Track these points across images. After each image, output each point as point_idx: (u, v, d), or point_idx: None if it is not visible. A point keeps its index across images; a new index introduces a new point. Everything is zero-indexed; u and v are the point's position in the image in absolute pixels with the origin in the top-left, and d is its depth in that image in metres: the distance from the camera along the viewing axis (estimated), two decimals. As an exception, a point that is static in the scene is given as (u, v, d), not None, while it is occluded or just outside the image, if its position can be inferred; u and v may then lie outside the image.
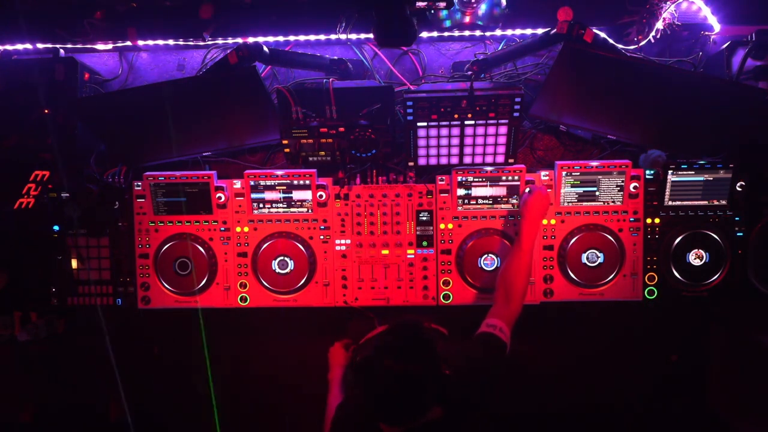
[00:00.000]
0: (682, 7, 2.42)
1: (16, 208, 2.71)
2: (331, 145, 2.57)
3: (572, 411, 3.06)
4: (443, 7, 2.17)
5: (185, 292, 2.74)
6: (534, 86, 2.78)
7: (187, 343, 3.11)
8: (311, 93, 2.50)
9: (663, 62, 2.68)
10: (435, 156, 2.62)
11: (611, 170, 2.61)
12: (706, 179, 2.59)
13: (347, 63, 2.67)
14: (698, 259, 2.61)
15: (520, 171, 2.63)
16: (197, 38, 2.64)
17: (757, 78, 2.48)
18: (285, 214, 2.72)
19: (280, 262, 2.69)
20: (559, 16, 2.33)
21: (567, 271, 2.64)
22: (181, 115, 2.58)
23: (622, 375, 3.04)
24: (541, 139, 2.89)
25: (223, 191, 2.69)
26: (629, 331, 2.99)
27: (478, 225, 2.69)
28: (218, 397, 3.19)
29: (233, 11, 2.56)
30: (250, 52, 2.45)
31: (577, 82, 2.44)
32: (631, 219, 2.64)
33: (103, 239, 2.75)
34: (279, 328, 2.99)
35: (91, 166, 2.80)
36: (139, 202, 2.73)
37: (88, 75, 2.82)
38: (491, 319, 2.16)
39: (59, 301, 2.78)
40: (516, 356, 2.87)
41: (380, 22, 2.14)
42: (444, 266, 2.70)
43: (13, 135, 2.70)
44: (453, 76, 2.82)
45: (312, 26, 2.61)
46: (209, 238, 2.74)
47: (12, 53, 2.75)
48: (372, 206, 2.71)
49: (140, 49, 2.88)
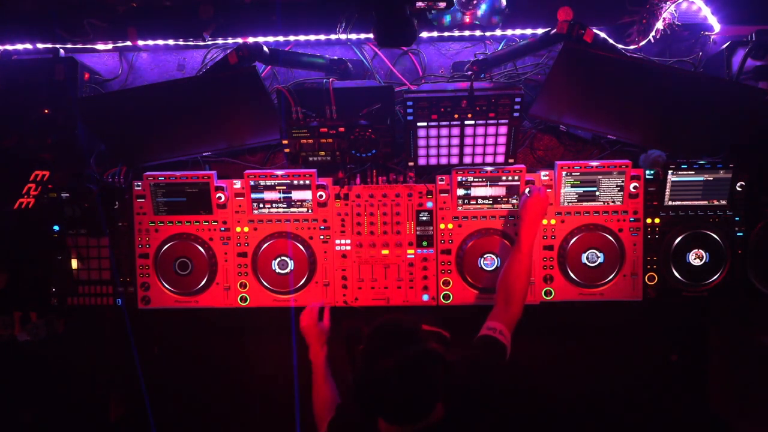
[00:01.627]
0: (682, 7, 2.42)
1: (16, 208, 2.71)
2: (331, 145, 2.57)
3: (572, 411, 3.06)
4: (443, 8, 2.17)
5: (185, 292, 2.73)
6: (534, 86, 2.78)
7: (187, 343, 3.11)
8: (311, 93, 2.51)
9: (663, 62, 2.68)
10: (435, 156, 2.62)
11: (611, 170, 2.61)
12: (706, 179, 2.59)
13: (347, 63, 2.67)
14: (698, 259, 2.61)
15: (520, 171, 2.63)
16: (197, 38, 2.63)
17: (757, 78, 2.48)
18: (285, 214, 2.72)
19: (280, 262, 2.69)
20: (559, 16, 2.33)
21: (567, 271, 2.64)
22: (181, 115, 2.58)
23: (622, 375, 3.04)
24: (541, 139, 2.89)
25: (223, 191, 2.69)
26: (629, 331, 2.99)
27: (478, 225, 2.69)
28: (218, 397, 3.19)
29: (233, 11, 2.56)
30: (250, 52, 2.45)
31: (577, 82, 2.44)
32: (631, 219, 2.64)
33: (103, 239, 2.75)
34: (279, 328, 2.99)
35: (91, 166, 2.80)
36: (139, 202, 2.73)
37: (88, 75, 2.82)
38: (491, 322, 2.16)
39: (59, 301, 2.78)
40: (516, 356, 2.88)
41: (380, 22, 2.14)
42: (444, 266, 2.70)
43: (13, 135, 2.70)
44: (453, 76, 2.82)
45: (312, 26, 2.61)
46: (209, 238, 2.74)
47: (12, 53, 2.74)
48: (372, 206, 2.71)
49: (140, 49, 2.88)
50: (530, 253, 2.37)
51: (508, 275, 2.31)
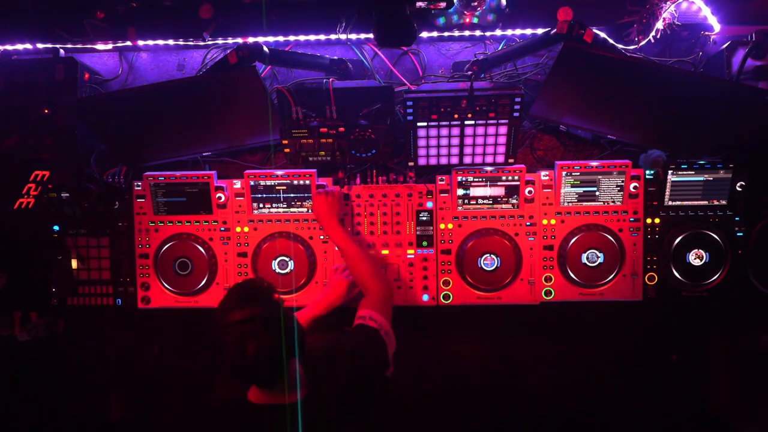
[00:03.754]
0: (682, 7, 2.42)
1: (16, 208, 2.71)
2: (331, 145, 2.57)
3: (572, 411, 3.06)
4: (443, 7, 2.18)
5: (185, 292, 2.73)
6: (534, 86, 2.78)
7: (187, 343, 3.11)
8: (311, 93, 2.51)
9: (663, 62, 2.68)
10: (435, 156, 2.62)
11: (611, 170, 2.61)
12: (706, 179, 2.59)
13: (347, 63, 2.67)
14: (698, 259, 2.61)
15: (520, 171, 2.64)
16: (197, 38, 2.63)
17: (757, 78, 2.48)
18: (285, 214, 2.72)
19: (280, 262, 2.69)
20: (559, 16, 2.33)
21: (567, 271, 2.64)
22: (181, 115, 2.58)
23: (622, 375, 3.04)
24: (541, 139, 2.89)
25: (223, 191, 2.69)
26: (629, 331, 2.99)
27: (478, 225, 2.69)
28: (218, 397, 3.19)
29: (233, 11, 2.56)
30: (250, 52, 2.45)
31: (577, 82, 2.44)
32: (631, 219, 2.64)
33: (103, 239, 2.75)
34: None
35: (91, 166, 2.81)
36: (139, 202, 2.73)
37: (88, 75, 2.82)
38: (360, 311, 2.18)
39: (59, 301, 2.78)
40: (515, 356, 2.88)
41: (380, 22, 2.14)
42: (444, 266, 2.70)
43: (13, 135, 2.70)
44: (453, 76, 2.82)
45: (312, 26, 2.61)
46: (209, 238, 2.74)
47: (12, 53, 2.75)
48: (372, 206, 2.71)
49: (140, 49, 2.88)
50: (345, 243, 2.44)
51: (351, 270, 2.42)
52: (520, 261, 2.66)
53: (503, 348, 2.99)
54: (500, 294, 2.68)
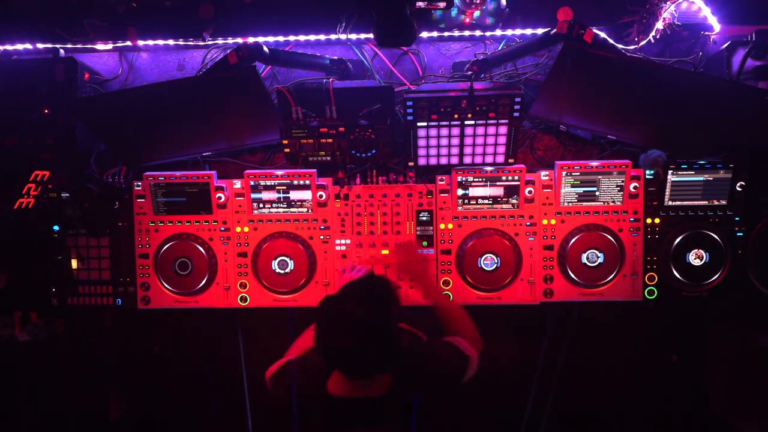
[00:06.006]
0: (682, 7, 2.42)
1: (16, 208, 2.71)
2: (331, 145, 2.57)
3: (572, 411, 3.06)
4: (443, 7, 2.18)
5: (185, 292, 2.73)
6: (534, 86, 2.78)
7: (187, 343, 3.11)
8: (311, 93, 2.51)
9: (663, 62, 2.68)
10: (435, 156, 2.62)
11: (611, 170, 2.61)
12: (706, 179, 2.59)
13: (347, 63, 2.67)
14: (698, 259, 2.61)
15: (520, 171, 2.63)
16: (197, 38, 2.64)
17: (757, 78, 2.48)
18: (285, 214, 2.72)
19: (280, 262, 2.69)
20: (559, 16, 2.33)
21: (567, 271, 2.64)
22: (181, 115, 2.58)
23: (622, 375, 3.04)
24: (541, 139, 2.89)
25: (223, 191, 2.69)
26: (629, 331, 2.99)
27: (478, 225, 2.68)
28: (218, 397, 3.19)
29: (233, 11, 2.56)
30: (250, 52, 2.45)
31: (577, 82, 2.44)
32: (631, 219, 2.64)
33: (103, 239, 2.75)
34: (279, 328, 2.99)
35: (91, 166, 2.80)
36: (139, 202, 2.73)
37: (88, 75, 2.82)
38: (455, 338, 2.14)
39: (59, 301, 2.78)
40: (515, 356, 2.87)
41: (380, 22, 2.14)
42: (444, 266, 2.70)
43: (13, 135, 2.70)
44: (453, 76, 2.82)
45: (312, 26, 2.61)
46: (209, 238, 2.74)
47: (12, 53, 2.75)
48: (372, 206, 2.71)
49: (140, 49, 2.88)
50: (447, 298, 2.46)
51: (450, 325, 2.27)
52: (520, 261, 2.66)
53: (503, 348, 2.99)
54: (500, 294, 2.68)
